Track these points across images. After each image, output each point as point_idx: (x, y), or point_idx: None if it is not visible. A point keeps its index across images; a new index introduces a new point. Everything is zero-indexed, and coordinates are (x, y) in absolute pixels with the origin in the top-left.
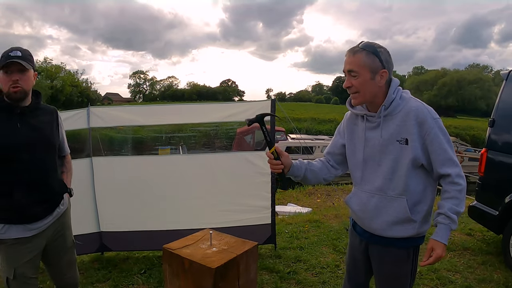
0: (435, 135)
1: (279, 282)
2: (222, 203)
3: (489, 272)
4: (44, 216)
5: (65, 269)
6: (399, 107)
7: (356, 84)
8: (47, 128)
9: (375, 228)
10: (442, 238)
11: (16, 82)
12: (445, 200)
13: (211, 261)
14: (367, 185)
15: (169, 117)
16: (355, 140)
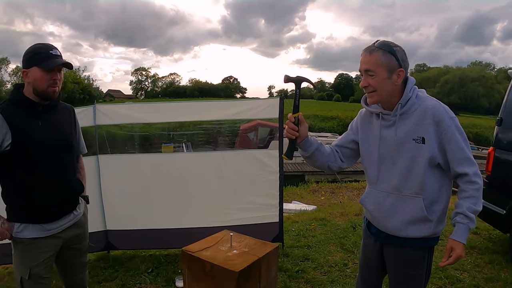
0: (452, 134)
1: (287, 281)
2: (229, 201)
3: (496, 271)
4: (62, 217)
5: (77, 271)
6: (415, 105)
7: (373, 83)
8: (67, 127)
9: (391, 228)
10: (461, 238)
11: (56, 81)
12: (463, 199)
13: (233, 264)
14: (382, 184)
15: (174, 114)
16: (370, 138)
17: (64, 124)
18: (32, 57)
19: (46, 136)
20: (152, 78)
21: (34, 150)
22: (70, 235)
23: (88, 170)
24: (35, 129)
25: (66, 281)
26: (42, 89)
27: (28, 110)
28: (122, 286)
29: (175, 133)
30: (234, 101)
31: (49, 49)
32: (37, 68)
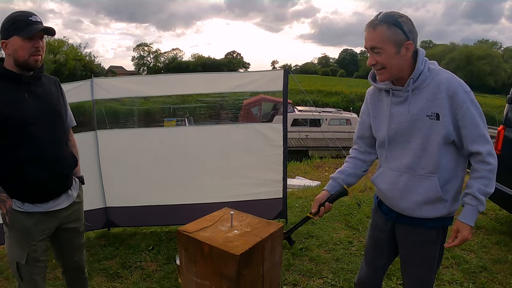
0: (467, 109)
1: (291, 259)
2: (232, 177)
3: (504, 253)
4: (58, 194)
5: (74, 253)
6: (428, 79)
7: (381, 61)
8: (54, 98)
9: (404, 208)
10: (469, 220)
11: (39, 49)
12: (474, 179)
13: (234, 246)
14: (394, 163)
15: (176, 87)
16: (380, 116)
17: (51, 95)
18: (11, 26)
19: (33, 109)
20: (154, 53)
21: (23, 124)
22: (64, 216)
23: (87, 146)
24: (22, 102)
25: (63, 263)
26: (23, 59)
27: (11, 83)
28: (123, 264)
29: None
30: (236, 73)
31: (28, 15)
32: (17, 37)
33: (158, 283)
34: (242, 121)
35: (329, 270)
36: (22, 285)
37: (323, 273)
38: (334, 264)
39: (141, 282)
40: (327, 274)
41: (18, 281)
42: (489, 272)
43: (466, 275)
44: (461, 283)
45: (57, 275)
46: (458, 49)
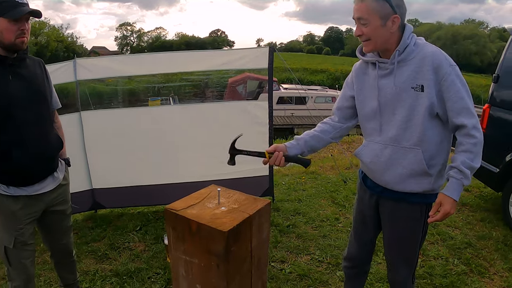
0: (452, 82)
1: (279, 236)
2: (218, 155)
3: (488, 229)
4: (44, 177)
5: (61, 235)
6: (413, 53)
7: (366, 32)
8: (39, 80)
9: (388, 181)
10: (452, 193)
11: (24, 31)
12: (459, 153)
13: (222, 223)
14: (380, 135)
15: (160, 66)
16: (366, 89)
17: (35, 77)
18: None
19: (18, 91)
20: (138, 33)
21: (6, 106)
22: (51, 198)
23: (71, 127)
24: (5, 84)
25: (51, 247)
26: (9, 41)
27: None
28: (111, 245)
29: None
30: (221, 51)
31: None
32: (3, 19)
33: (146, 263)
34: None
35: (316, 246)
36: (10, 270)
37: (310, 249)
38: (321, 240)
39: (130, 262)
40: (314, 251)
41: (6, 267)
42: (474, 248)
43: (451, 251)
44: (446, 259)
45: (46, 259)
46: (445, 28)
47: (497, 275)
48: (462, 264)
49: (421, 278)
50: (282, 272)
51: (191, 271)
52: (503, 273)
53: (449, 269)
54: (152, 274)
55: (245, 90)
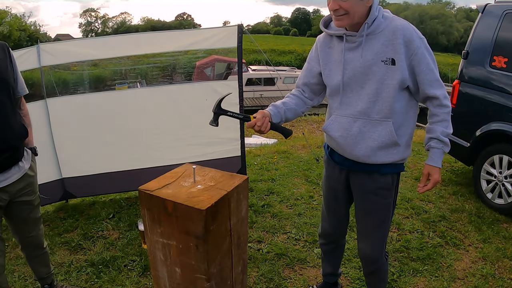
0: (422, 55)
1: (254, 216)
2: (189, 137)
3: (461, 203)
4: (9, 167)
5: (30, 227)
6: (382, 25)
7: (345, 6)
8: (2, 66)
9: (359, 155)
10: (437, 162)
11: None
12: (435, 124)
13: (199, 201)
14: (348, 109)
15: (126, 48)
16: (332, 63)
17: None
18: None
19: None
20: (102, 19)
21: None
22: (16, 189)
23: (37, 116)
24: None
25: (21, 240)
26: None
27: None
28: (84, 235)
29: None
30: (189, 31)
31: None
32: None
33: (122, 250)
34: (196, 80)
35: (292, 225)
36: None
37: (287, 228)
38: (297, 219)
39: (105, 251)
40: (291, 229)
41: None
42: (447, 221)
43: (426, 224)
44: (421, 232)
45: (19, 254)
46: (412, 8)
47: (472, 247)
48: (437, 237)
49: (398, 251)
50: (259, 252)
51: (169, 255)
52: (477, 244)
53: (425, 242)
54: (128, 262)
55: (213, 73)
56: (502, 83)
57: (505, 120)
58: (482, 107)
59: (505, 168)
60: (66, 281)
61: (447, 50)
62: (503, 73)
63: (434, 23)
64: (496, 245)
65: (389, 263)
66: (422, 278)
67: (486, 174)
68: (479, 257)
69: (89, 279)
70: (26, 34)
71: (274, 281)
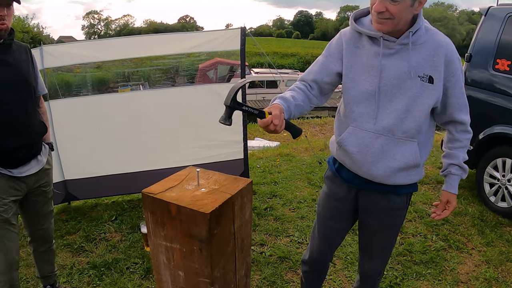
0: (459, 78)
1: (256, 219)
2: (192, 140)
3: (464, 206)
4: (28, 160)
5: (42, 220)
6: (423, 37)
7: (393, 10)
8: (24, 66)
9: (377, 175)
10: (456, 189)
11: (3, 18)
12: (458, 150)
13: (203, 205)
14: (372, 123)
15: (129, 50)
16: (358, 66)
17: (21, 63)
18: None
19: (4, 76)
20: (105, 21)
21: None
22: (34, 181)
23: None
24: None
25: (31, 232)
26: None
27: None
28: (86, 237)
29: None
30: (192, 33)
31: None
32: None
33: (124, 253)
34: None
35: (295, 228)
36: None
37: (289, 231)
38: (299, 222)
39: (107, 254)
40: (293, 232)
41: None
42: (451, 225)
43: (429, 227)
44: (425, 236)
45: (21, 256)
46: None
47: (475, 250)
48: (441, 240)
49: (401, 255)
50: (262, 255)
51: (172, 258)
52: (481, 248)
53: (428, 245)
54: (131, 264)
55: (215, 75)
56: (505, 86)
57: (508, 123)
58: (485, 110)
59: (508, 171)
60: (68, 283)
61: None
62: (506, 76)
63: (437, 26)
64: (500, 248)
65: (392, 266)
66: (425, 281)
67: (489, 177)
68: (482, 261)
69: (91, 282)
70: (29, 36)
71: (277, 284)
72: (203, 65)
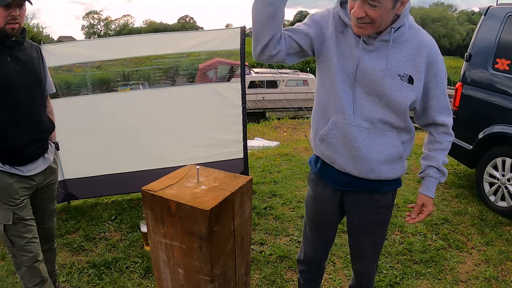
0: (441, 79)
1: (256, 218)
2: (192, 139)
3: (464, 205)
4: (37, 157)
5: (46, 218)
6: (406, 35)
7: (373, 15)
8: (36, 64)
9: (361, 169)
10: (432, 193)
11: (16, 18)
12: (438, 152)
13: (202, 202)
14: (351, 115)
15: (129, 50)
16: (339, 53)
17: (32, 61)
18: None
19: (16, 73)
20: (105, 21)
21: (5, 87)
22: (41, 179)
23: None
24: (4, 66)
25: None
26: (1, 27)
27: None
28: (86, 236)
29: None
30: (192, 32)
31: None
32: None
33: (123, 252)
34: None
35: (294, 227)
36: (14, 251)
37: (289, 230)
38: (299, 221)
39: (107, 253)
40: (293, 232)
41: (10, 252)
42: (450, 224)
43: (429, 227)
44: (424, 235)
45: None
46: (414, 11)
47: (475, 249)
48: (440, 239)
49: (400, 254)
50: (262, 254)
51: (172, 256)
52: (480, 247)
53: (428, 244)
54: (130, 263)
55: (215, 75)
56: (505, 86)
57: (507, 122)
58: (485, 109)
59: (507, 170)
60: (67, 282)
61: (450, 53)
62: (506, 76)
63: (436, 26)
64: (499, 247)
65: (392, 265)
66: (425, 280)
67: (489, 176)
68: (482, 260)
69: (91, 281)
70: (29, 36)
71: (276, 283)
72: (203, 64)
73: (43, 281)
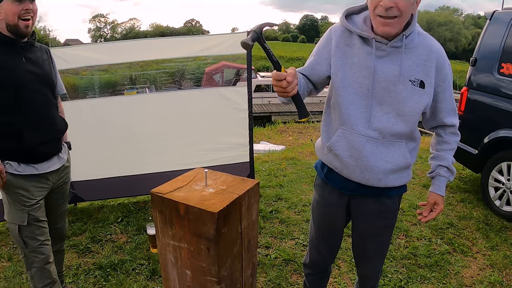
0: (449, 83)
1: (262, 222)
2: (198, 142)
3: (469, 210)
4: (51, 156)
5: (58, 218)
6: (415, 41)
7: (402, 6)
8: (46, 65)
9: (369, 178)
10: (443, 191)
11: (29, 10)
12: (446, 152)
13: (211, 204)
14: (361, 125)
15: (136, 53)
16: (348, 66)
17: (43, 62)
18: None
19: (29, 73)
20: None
21: (22, 87)
22: (56, 178)
23: None
24: (19, 66)
25: None
26: (14, 23)
27: (8, 48)
28: (92, 238)
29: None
30: (199, 37)
31: None
32: (7, 1)
33: (130, 254)
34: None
35: (300, 231)
36: (27, 252)
37: (295, 234)
38: (305, 225)
39: (113, 255)
40: (299, 235)
41: (23, 252)
42: (455, 228)
43: (434, 231)
44: (429, 239)
45: None
46: (420, 15)
47: (479, 254)
48: (445, 244)
49: (405, 258)
50: (267, 258)
51: (180, 257)
52: (485, 251)
53: (433, 249)
54: (136, 266)
55: (222, 79)
56: (510, 90)
57: None
58: (490, 114)
59: None
60: (74, 283)
61: (455, 57)
62: (511, 80)
63: (442, 30)
64: (504, 252)
65: (397, 269)
66: (429, 285)
67: (494, 181)
68: (486, 265)
69: (97, 282)
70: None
71: (281, 286)
72: (209, 68)
73: (52, 282)
